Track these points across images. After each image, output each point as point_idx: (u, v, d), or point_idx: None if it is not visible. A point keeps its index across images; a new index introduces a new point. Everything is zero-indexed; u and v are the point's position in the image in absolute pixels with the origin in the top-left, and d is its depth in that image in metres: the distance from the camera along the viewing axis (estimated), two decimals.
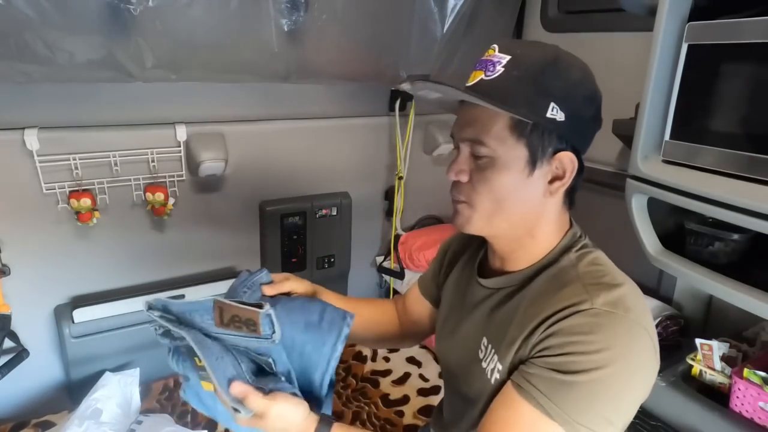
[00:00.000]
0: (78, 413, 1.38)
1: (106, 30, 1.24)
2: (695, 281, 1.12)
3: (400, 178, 2.02)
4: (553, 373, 0.64)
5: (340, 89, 1.83)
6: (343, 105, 1.88)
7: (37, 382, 1.62)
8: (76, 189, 1.49)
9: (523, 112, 0.68)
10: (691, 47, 1.00)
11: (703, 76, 1.00)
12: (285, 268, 1.92)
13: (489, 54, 0.72)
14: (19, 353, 1.50)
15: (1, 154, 1.40)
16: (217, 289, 1.74)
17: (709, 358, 1.15)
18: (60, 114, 1.45)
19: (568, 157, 0.72)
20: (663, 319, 1.39)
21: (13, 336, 1.50)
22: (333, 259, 2.01)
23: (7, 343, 1.48)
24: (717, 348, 1.14)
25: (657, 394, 1.15)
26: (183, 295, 1.68)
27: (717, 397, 1.12)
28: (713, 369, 1.15)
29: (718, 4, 0.98)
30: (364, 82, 1.80)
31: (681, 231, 1.18)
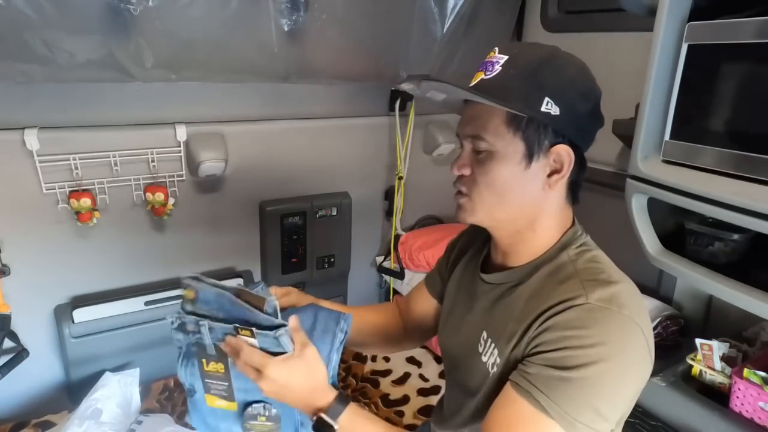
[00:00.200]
0: (78, 413, 1.38)
1: (106, 30, 1.24)
2: (695, 281, 1.12)
3: (400, 178, 2.02)
4: (550, 370, 0.65)
5: (340, 89, 1.83)
6: (343, 105, 1.88)
7: (37, 382, 1.62)
8: (76, 189, 1.49)
9: (518, 106, 0.71)
10: (691, 47, 1.00)
11: (703, 76, 1.00)
12: (285, 268, 1.92)
13: (490, 56, 0.76)
14: (19, 353, 1.50)
15: (1, 154, 1.40)
16: None
17: (709, 358, 1.15)
18: (60, 114, 1.45)
19: (564, 150, 0.74)
20: (663, 319, 1.39)
21: (13, 336, 1.50)
22: (333, 259, 2.01)
23: (7, 343, 1.48)
24: (717, 348, 1.14)
25: (657, 394, 1.15)
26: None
27: (717, 397, 1.12)
28: (713, 369, 1.15)
29: (718, 4, 0.98)
30: (364, 82, 1.80)
31: (681, 231, 1.18)
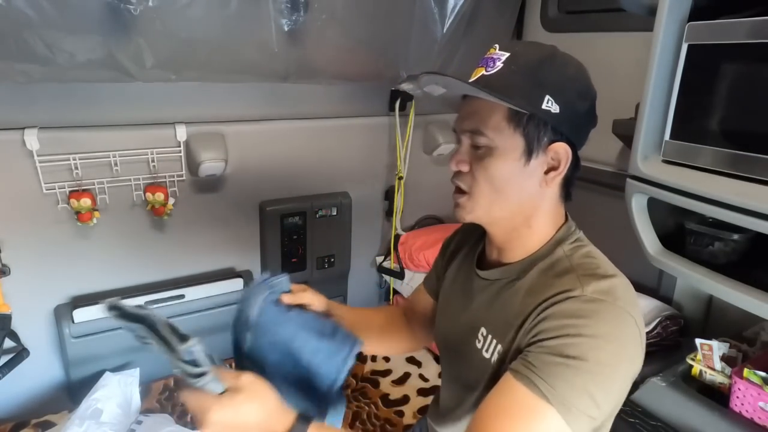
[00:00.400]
0: (78, 413, 1.38)
1: (106, 30, 1.24)
2: (695, 281, 1.11)
3: (400, 178, 2.02)
4: (549, 356, 0.66)
5: (340, 89, 1.83)
6: (343, 105, 1.88)
7: (37, 382, 1.62)
8: (76, 189, 1.49)
9: (520, 103, 0.71)
10: (691, 47, 1.00)
11: (703, 76, 1.00)
12: (285, 268, 1.92)
13: (491, 52, 0.76)
14: (20, 353, 1.50)
15: (1, 154, 1.40)
16: (217, 289, 1.74)
17: (709, 358, 1.15)
18: (60, 114, 1.45)
19: (562, 147, 0.75)
20: (663, 319, 1.39)
21: (14, 336, 1.50)
22: (333, 259, 2.01)
23: (8, 343, 1.48)
24: (717, 348, 1.14)
25: (657, 394, 1.15)
26: (183, 295, 1.68)
27: (717, 397, 1.12)
28: (713, 369, 1.15)
29: (718, 4, 0.98)
30: (364, 82, 1.80)
31: (681, 231, 1.18)
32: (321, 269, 2.00)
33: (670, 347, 1.40)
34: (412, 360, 1.87)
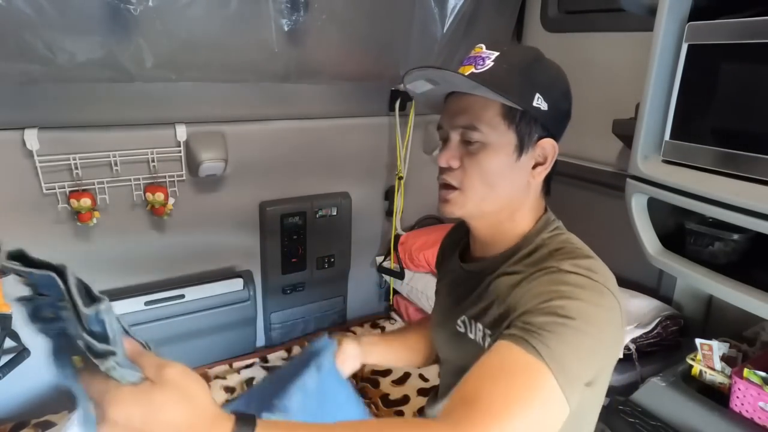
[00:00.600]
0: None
1: (106, 30, 1.24)
2: (695, 281, 1.11)
3: (400, 178, 2.02)
4: (539, 317, 0.66)
5: (340, 89, 1.83)
6: (343, 105, 1.88)
7: (37, 382, 1.62)
8: (76, 189, 1.49)
9: (515, 100, 0.74)
10: (691, 47, 1.00)
11: (703, 76, 1.00)
12: (285, 268, 1.92)
13: (477, 51, 0.79)
14: (20, 353, 1.50)
15: (1, 154, 1.40)
16: (217, 289, 1.74)
17: (709, 358, 1.15)
18: (60, 114, 1.45)
19: (549, 143, 0.79)
20: (663, 319, 1.39)
21: (14, 336, 1.50)
22: (333, 259, 2.01)
23: (8, 343, 1.47)
24: (717, 348, 1.14)
25: (657, 394, 1.15)
26: (183, 295, 1.68)
27: (717, 397, 1.12)
28: (713, 369, 1.15)
29: (718, 4, 0.98)
30: (364, 82, 1.80)
31: (681, 231, 1.18)
32: (321, 269, 2.00)
33: (670, 347, 1.40)
34: None
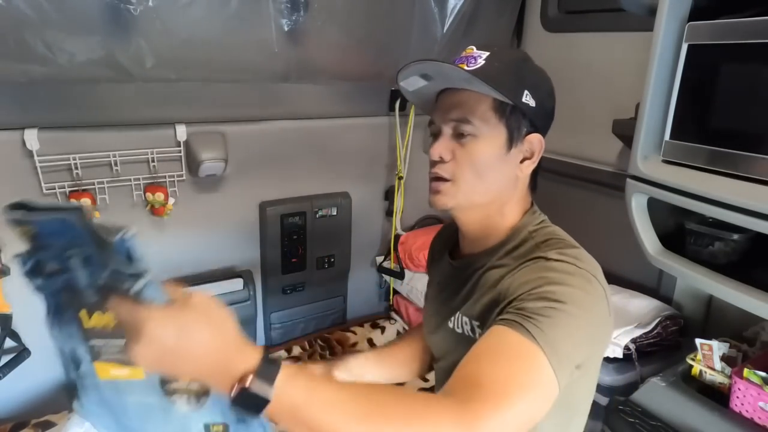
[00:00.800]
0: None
1: (106, 30, 1.24)
2: (695, 281, 1.11)
3: (400, 178, 2.02)
4: (531, 302, 0.68)
5: (340, 89, 1.83)
6: (343, 105, 1.88)
7: (37, 382, 1.62)
8: (76, 189, 1.49)
9: (506, 94, 0.78)
10: (691, 47, 1.00)
11: (703, 76, 1.00)
12: (285, 268, 1.92)
13: (468, 52, 0.83)
14: (21, 353, 1.50)
15: (1, 154, 1.40)
16: (217, 289, 1.74)
17: (709, 358, 1.15)
18: (60, 114, 1.45)
19: (537, 138, 0.83)
20: (663, 319, 1.39)
21: (15, 336, 1.50)
22: (333, 259, 2.01)
23: (9, 342, 1.48)
24: (717, 348, 1.14)
25: (657, 394, 1.15)
26: None
27: (717, 397, 1.12)
28: (713, 369, 1.15)
29: (718, 4, 0.98)
30: (364, 82, 1.80)
31: (681, 231, 1.18)
32: (321, 269, 2.00)
33: (670, 347, 1.40)
34: None
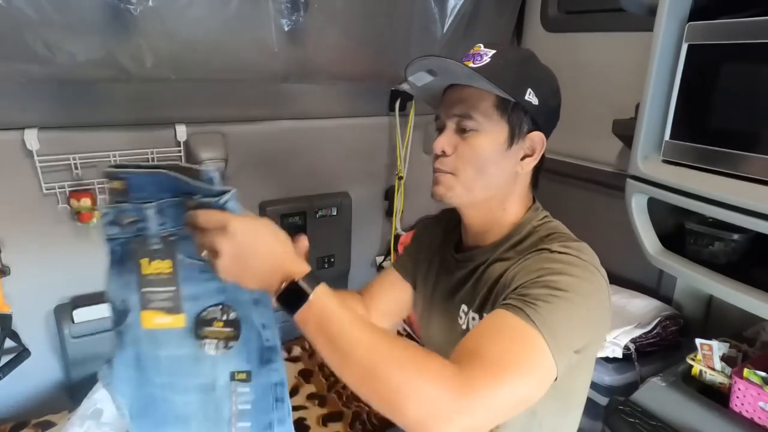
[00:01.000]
0: (78, 413, 1.38)
1: (106, 30, 1.24)
2: (695, 281, 1.12)
3: (400, 178, 2.02)
4: (533, 289, 0.71)
5: (340, 89, 1.83)
6: (343, 105, 1.88)
7: (37, 382, 1.62)
8: (76, 189, 1.49)
9: (508, 91, 0.80)
10: (691, 47, 1.00)
11: (703, 76, 1.00)
12: None
13: (475, 49, 0.85)
14: (20, 353, 1.50)
15: (1, 154, 1.40)
16: None
17: (709, 358, 1.15)
18: (60, 114, 1.45)
19: (538, 136, 0.85)
20: (663, 319, 1.39)
21: (14, 336, 1.50)
22: (333, 259, 2.01)
23: (8, 343, 1.48)
24: (717, 348, 1.14)
25: (657, 394, 1.15)
26: None
27: (717, 397, 1.12)
28: (713, 369, 1.15)
29: (718, 4, 0.98)
30: (364, 82, 1.80)
31: (681, 231, 1.18)
32: (321, 269, 2.00)
33: (670, 347, 1.40)
34: None
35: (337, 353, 0.62)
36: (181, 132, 1.58)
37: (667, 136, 1.06)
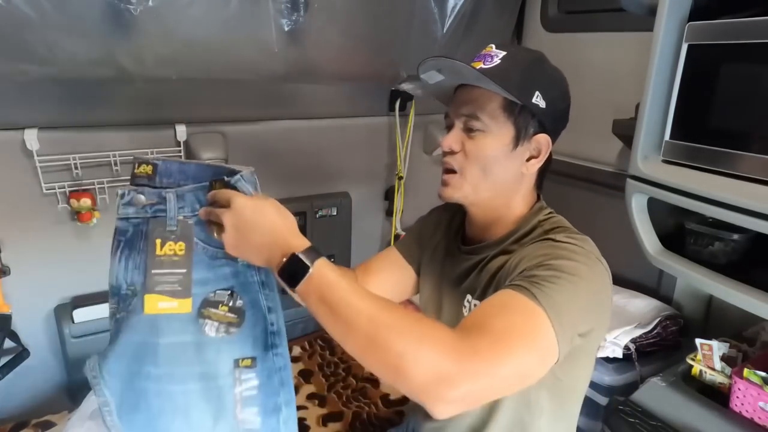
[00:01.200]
0: (78, 413, 1.38)
1: (106, 30, 1.24)
2: (695, 281, 1.12)
3: (400, 178, 2.02)
4: (539, 270, 0.72)
5: (340, 89, 1.83)
6: (343, 105, 1.88)
7: (37, 382, 1.62)
8: (76, 189, 1.49)
9: (515, 94, 0.81)
10: (691, 47, 1.00)
11: (703, 76, 1.00)
12: None
13: (487, 50, 0.86)
14: (20, 353, 1.50)
15: (1, 154, 1.40)
16: None
17: (709, 358, 1.15)
18: (60, 114, 1.45)
19: (544, 138, 0.86)
20: (663, 319, 1.39)
21: (14, 336, 1.50)
22: (333, 259, 2.01)
23: (8, 343, 1.47)
24: (717, 348, 1.14)
25: (657, 394, 1.15)
26: None
27: (717, 397, 1.12)
28: (713, 369, 1.15)
29: (718, 4, 0.98)
30: (364, 82, 1.80)
31: (681, 231, 1.18)
32: None
33: (670, 347, 1.40)
34: None
35: (340, 323, 0.62)
36: (181, 132, 1.58)
37: (667, 136, 1.06)
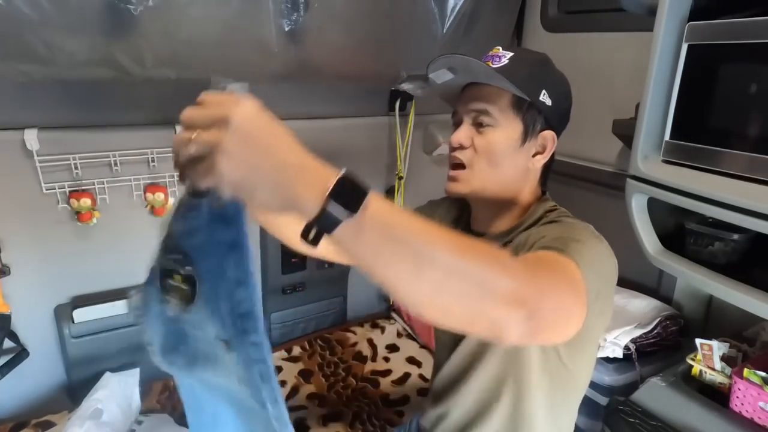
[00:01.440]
0: (78, 413, 1.38)
1: (106, 30, 1.24)
2: (695, 281, 1.11)
3: (400, 178, 2.02)
4: (555, 239, 0.74)
5: (340, 89, 1.83)
6: (343, 105, 1.88)
7: (37, 382, 1.62)
8: (76, 189, 1.49)
9: (524, 91, 0.85)
10: (691, 47, 1.00)
11: (703, 76, 1.00)
12: (285, 268, 1.92)
13: (494, 51, 0.90)
14: (19, 353, 1.50)
15: (1, 154, 1.40)
16: None
17: (709, 358, 1.15)
18: (60, 114, 1.45)
19: (550, 135, 0.90)
20: (663, 319, 1.39)
21: (13, 336, 1.50)
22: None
23: (8, 343, 1.48)
24: (717, 348, 1.14)
25: (657, 394, 1.15)
26: None
27: (717, 397, 1.12)
28: (713, 369, 1.15)
29: (718, 4, 0.98)
30: (364, 82, 1.80)
31: (681, 231, 1.18)
32: (321, 269, 2.00)
33: (670, 347, 1.40)
34: (412, 360, 1.87)
35: (410, 257, 0.50)
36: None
37: (667, 136, 1.06)
